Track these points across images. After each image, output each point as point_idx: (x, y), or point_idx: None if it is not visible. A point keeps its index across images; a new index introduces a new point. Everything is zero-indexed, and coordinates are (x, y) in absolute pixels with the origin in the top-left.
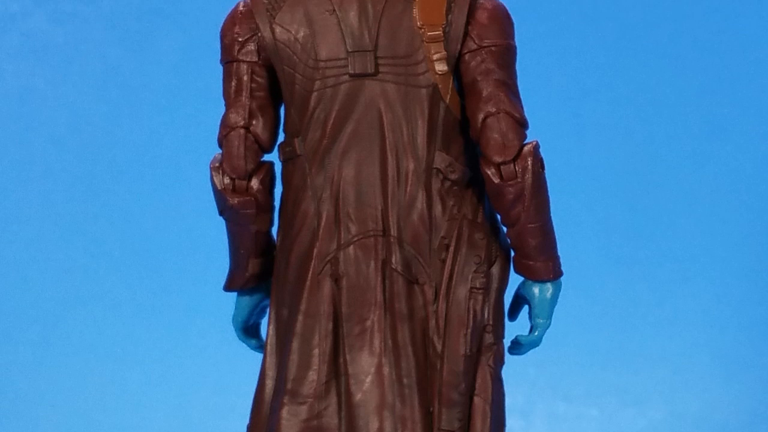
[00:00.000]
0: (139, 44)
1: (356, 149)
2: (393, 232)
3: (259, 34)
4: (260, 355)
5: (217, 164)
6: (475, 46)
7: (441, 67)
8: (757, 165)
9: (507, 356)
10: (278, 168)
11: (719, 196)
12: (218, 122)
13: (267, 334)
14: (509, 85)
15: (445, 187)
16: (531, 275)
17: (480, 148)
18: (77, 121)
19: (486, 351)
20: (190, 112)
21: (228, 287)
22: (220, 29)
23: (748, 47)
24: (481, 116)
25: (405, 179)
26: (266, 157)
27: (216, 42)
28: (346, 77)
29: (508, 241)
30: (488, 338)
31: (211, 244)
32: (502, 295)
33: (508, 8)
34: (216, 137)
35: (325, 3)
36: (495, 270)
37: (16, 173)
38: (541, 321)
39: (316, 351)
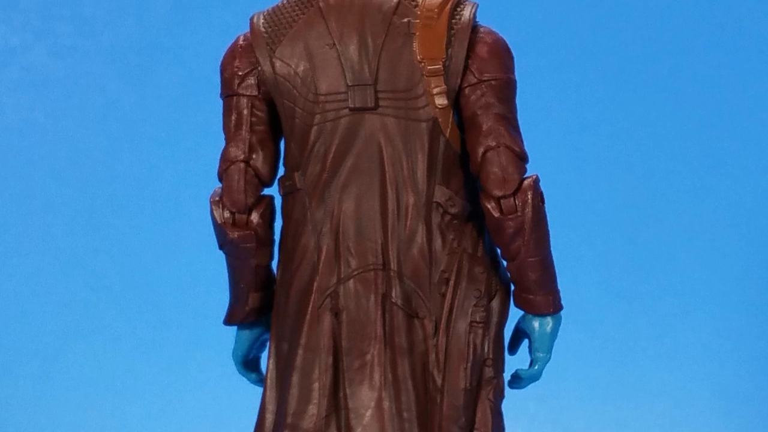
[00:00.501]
0: (139, 78)
1: (356, 183)
2: (393, 266)
3: (259, 68)
4: (260, 389)
5: (217, 198)
6: (475, 80)
7: (441, 101)
8: (756, 199)
9: (507, 390)
10: (278, 202)
11: (719, 230)
12: (218, 156)
13: (267, 368)
14: (509, 119)
15: (445, 221)
16: (531, 309)
17: (480, 182)
18: (77, 155)
19: (486, 385)
20: (190, 146)
21: (228, 321)
22: (220, 63)
23: (747, 81)
24: (481, 150)
25: (405, 213)
26: (266, 191)
27: (216, 76)
28: (346, 111)
29: (508, 275)
30: (488, 372)
31: (211, 278)
32: (502, 329)
33: (508, 42)
34: (216, 171)
35: (325, 37)
36: (495, 304)
37: (16, 207)
38: (541, 355)
39: (316, 385)
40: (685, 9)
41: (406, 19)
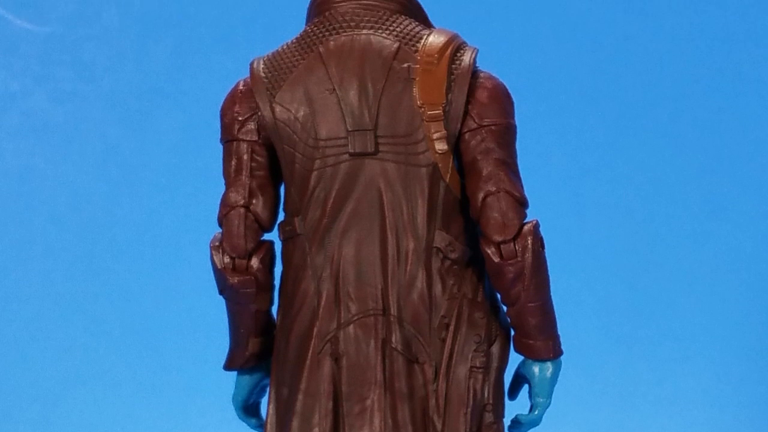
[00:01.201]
0: (138, 123)
1: (356, 228)
2: (393, 311)
3: (259, 113)
4: None
5: (217, 243)
6: (475, 125)
7: (441, 146)
8: (756, 244)
9: None
10: (278, 247)
11: (719, 275)
12: (218, 201)
13: (267, 413)
14: (509, 164)
15: (445, 266)
16: (531, 354)
17: (480, 227)
18: (77, 200)
19: (486, 430)
20: (190, 191)
21: (228, 366)
22: (220, 108)
23: (747, 126)
24: (481, 195)
25: (405, 258)
26: (266, 236)
27: (216, 121)
28: (346, 156)
29: (508, 320)
30: (488, 417)
31: (211, 323)
32: (502, 374)
33: (508, 87)
34: (216, 216)
35: (325, 82)
36: (495, 349)
37: (16, 252)
38: (542, 400)
39: (316, 430)
40: (685, 54)
41: (406, 64)
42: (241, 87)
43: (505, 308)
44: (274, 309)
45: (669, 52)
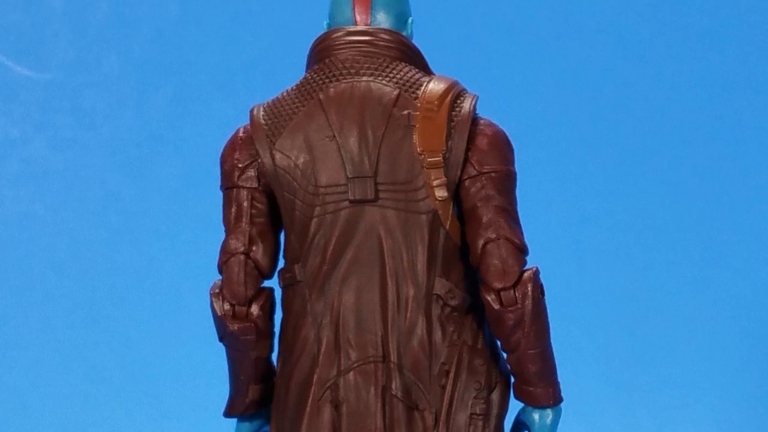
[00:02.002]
0: (138, 170)
1: (356, 275)
2: (393, 358)
3: (259, 160)
4: None
5: (217, 290)
6: (475, 172)
7: (441, 193)
8: (756, 291)
9: None
10: (278, 294)
11: (719, 322)
12: (218, 248)
13: None
14: (509, 211)
15: (445, 313)
16: (531, 401)
17: (480, 274)
18: (77, 247)
19: None
20: (190, 238)
21: (228, 413)
22: (220, 155)
23: (747, 174)
24: (481, 242)
25: (405, 305)
26: (266, 283)
27: (216, 168)
28: (346, 203)
29: (508, 366)
30: None
31: (211, 371)
32: (502, 421)
33: (508, 134)
34: (216, 263)
35: (325, 129)
36: (495, 396)
37: (16, 299)
38: None
39: None
40: (685, 101)
41: (406, 111)
42: (241, 134)
43: (505, 355)
44: (274, 356)
45: (669, 99)
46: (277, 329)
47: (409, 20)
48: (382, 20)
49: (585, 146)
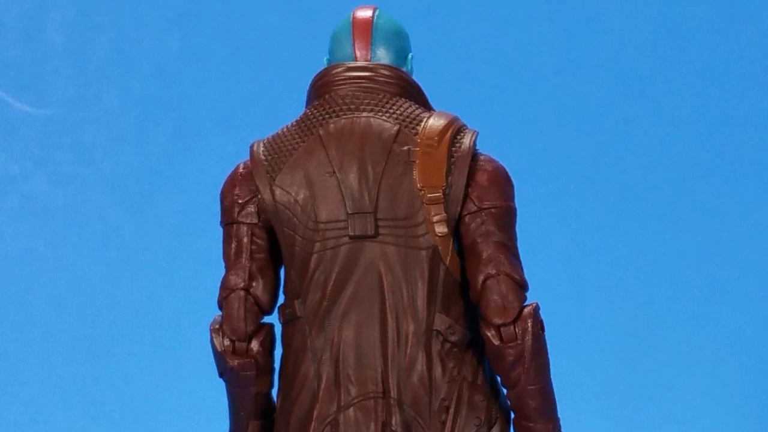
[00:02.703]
0: (138, 206)
1: (356, 311)
2: (393, 393)
3: (259, 196)
4: None
5: (217, 326)
6: (475, 208)
7: (441, 228)
8: (757, 327)
9: None
10: (278, 329)
11: (719, 358)
12: (218, 284)
13: None
14: (509, 247)
15: (445, 348)
16: None
17: (480, 309)
18: (77, 283)
19: None
20: (190, 274)
21: None
22: (220, 191)
23: (747, 209)
24: (481, 278)
25: (405, 341)
26: (266, 319)
27: (216, 204)
28: (346, 239)
29: (508, 402)
30: None
31: (211, 406)
32: None
33: (508, 169)
34: (216, 299)
35: (325, 164)
36: None
37: (16, 334)
38: None
39: None
40: (685, 137)
41: (406, 147)
42: (241, 170)
43: (505, 391)
44: (274, 392)
45: (669, 135)
46: (277, 365)
47: (409, 56)
48: (382, 56)
49: (585, 182)
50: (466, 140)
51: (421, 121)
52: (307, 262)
